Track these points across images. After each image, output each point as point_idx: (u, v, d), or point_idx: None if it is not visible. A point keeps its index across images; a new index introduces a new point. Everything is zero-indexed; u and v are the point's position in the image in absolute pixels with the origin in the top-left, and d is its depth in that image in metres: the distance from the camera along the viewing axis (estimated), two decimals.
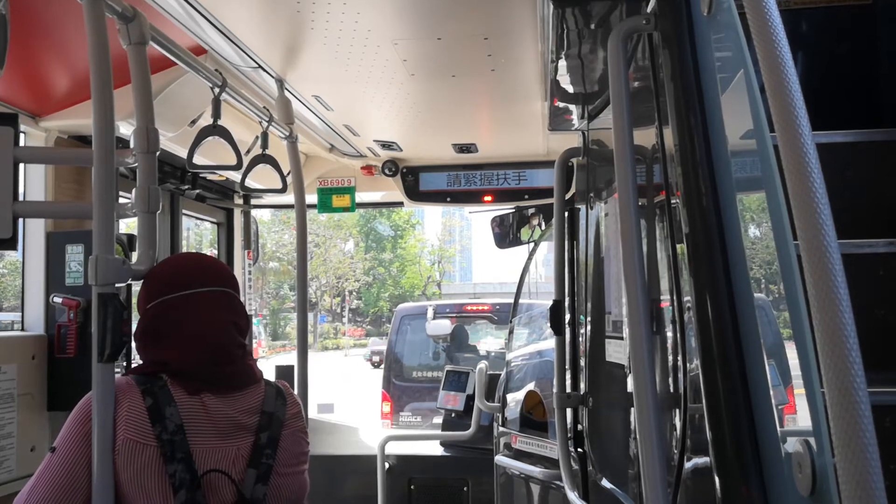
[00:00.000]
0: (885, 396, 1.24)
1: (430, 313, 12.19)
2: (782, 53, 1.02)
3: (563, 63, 2.61)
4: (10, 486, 3.01)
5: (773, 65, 1.02)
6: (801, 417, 1.04)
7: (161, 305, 1.96)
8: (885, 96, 2.03)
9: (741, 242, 1.25)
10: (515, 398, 4.03)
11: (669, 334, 1.61)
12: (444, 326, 11.99)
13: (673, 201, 1.51)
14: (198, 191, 4.91)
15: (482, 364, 4.89)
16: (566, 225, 3.23)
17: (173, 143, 3.55)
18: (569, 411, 3.04)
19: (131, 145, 2.06)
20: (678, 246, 1.49)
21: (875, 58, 2.09)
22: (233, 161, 3.03)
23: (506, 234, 5.42)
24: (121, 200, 2.07)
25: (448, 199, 5.35)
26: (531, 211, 5.25)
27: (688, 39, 1.47)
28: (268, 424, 1.97)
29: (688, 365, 1.45)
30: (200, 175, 4.77)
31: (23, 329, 3.42)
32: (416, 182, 5.28)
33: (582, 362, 2.99)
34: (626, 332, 1.98)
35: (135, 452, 1.80)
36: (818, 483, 0.96)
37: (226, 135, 2.94)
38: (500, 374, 4.60)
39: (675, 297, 1.52)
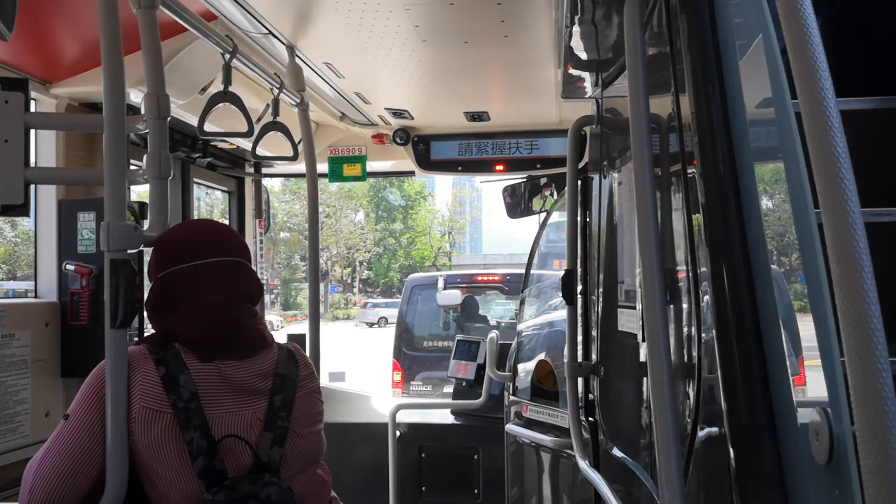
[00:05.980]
0: None
1: (440, 283, 12.21)
2: (806, 15, 0.99)
3: (577, 29, 2.57)
4: (25, 451, 3.04)
5: (796, 27, 0.99)
6: (815, 387, 1.03)
7: (171, 276, 1.96)
8: None
9: (759, 212, 1.23)
10: (526, 367, 4.04)
11: (684, 304, 1.60)
12: (455, 296, 12.00)
13: (689, 170, 1.49)
14: (209, 159, 4.91)
15: (493, 333, 4.89)
16: (579, 194, 3.21)
17: (184, 110, 3.54)
18: (580, 380, 3.04)
19: (142, 111, 2.05)
20: (694, 216, 1.47)
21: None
22: (244, 128, 3.01)
23: (517, 203, 5.39)
24: (132, 168, 2.06)
25: (459, 169, 5.32)
26: (543, 180, 5.21)
27: (706, 3, 1.44)
28: (281, 387, 1.98)
29: (702, 335, 1.44)
30: (211, 143, 4.76)
31: (36, 296, 3.43)
32: (427, 151, 5.25)
33: (593, 332, 2.99)
34: (639, 301, 1.97)
35: (151, 421, 1.81)
36: (836, 451, 0.96)
37: (237, 102, 2.93)
38: (510, 344, 4.60)
39: (690, 267, 1.50)
